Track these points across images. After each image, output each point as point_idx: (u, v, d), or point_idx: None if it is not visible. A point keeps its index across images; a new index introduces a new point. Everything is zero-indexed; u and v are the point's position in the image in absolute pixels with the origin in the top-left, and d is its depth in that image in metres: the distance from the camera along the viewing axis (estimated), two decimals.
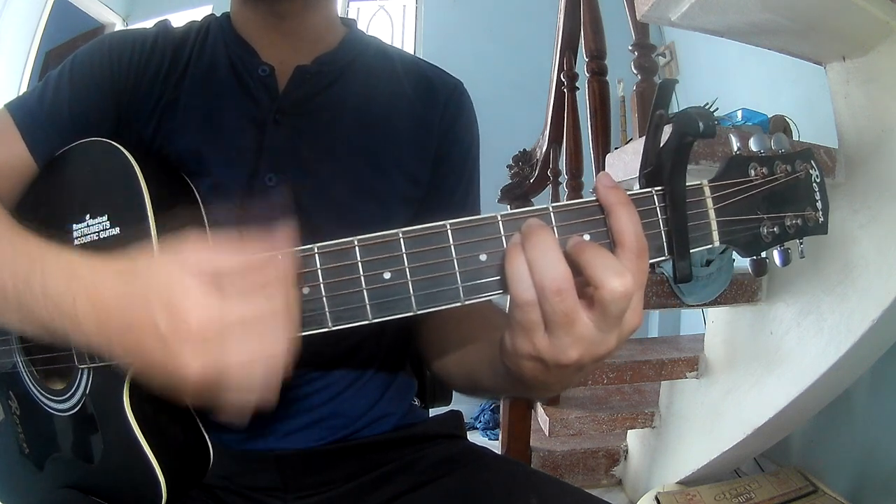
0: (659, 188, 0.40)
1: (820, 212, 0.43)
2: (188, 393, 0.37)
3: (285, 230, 0.38)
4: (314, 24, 0.67)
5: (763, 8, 0.98)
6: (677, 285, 1.34)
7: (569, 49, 1.86)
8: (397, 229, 0.39)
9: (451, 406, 0.76)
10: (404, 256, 0.39)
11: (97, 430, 0.54)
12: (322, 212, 0.62)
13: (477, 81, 0.91)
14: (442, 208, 0.69)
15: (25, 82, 2.94)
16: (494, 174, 1.71)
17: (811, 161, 0.43)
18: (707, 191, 0.41)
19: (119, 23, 3.43)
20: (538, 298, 0.36)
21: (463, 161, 0.72)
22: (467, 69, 0.95)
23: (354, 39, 0.71)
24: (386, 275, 0.39)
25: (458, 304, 0.39)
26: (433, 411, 0.79)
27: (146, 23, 0.69)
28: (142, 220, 0.51)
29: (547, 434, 1.63)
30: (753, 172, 0.41)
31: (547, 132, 2.02)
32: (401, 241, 0.39)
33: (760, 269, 0.43)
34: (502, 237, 0.39)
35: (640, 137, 1.33)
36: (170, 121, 0.62)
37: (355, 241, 0.39)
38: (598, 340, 0.37)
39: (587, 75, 1.62)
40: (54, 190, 0.60)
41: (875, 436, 1.45)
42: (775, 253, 0.43)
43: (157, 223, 0.51)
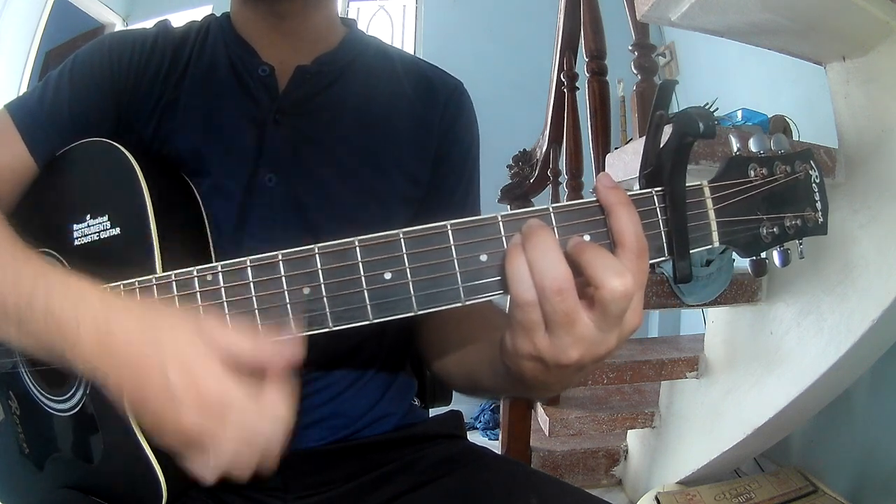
0: (659, 188, 0.40)
1: (819, 212, 0.43)
2: (170, 441, 0.39)
3: (296, 341, 0.40)
4: (314, 24, 0.67)
5: (763, 8, 0.98)
6: (677, 285, 1.34)
7: (569, 49, 1.86)
8: (398, 230, 0.39)
9: (451, 406, 0.76)
10: (405, 257, 0.39)
11: (97, 431, 0.54)
12: (322, 212, 0.62)
13: (477, 81, 0.91)
14: (442, 208, 0.69)
15: (25, 82, 2.94)
16: (494, 174, 1.70)
17: (811, 162, 0.43)
18: (707, 191, 0.41)
19: (119, 23, 3.43)
20: (539, 298, 0.36)
21: (463, 161, 0.72)
22: (467, 69, 0.95)
23: (354, 39, 0.71)
24: (387, 275, 0.39)
25: (459, 305, 0.39)
26: (433, 411, 0.79)
27: (146, 23, 0.69)
28: (142, 221, 0.51)
29: (547, 434, 1.63)
30: (753, 173, 0.41)
31: (547, 132, 2.02)
32: (401, 242, 0.39)
33: (760, 270, 0.43)
34: (503, 238, 0.39)
35: (640, 137, 1.33)
36: (170, 121, 0.62)
37: (356, 242, 0.39)
38: (599, 340, 0.37)
39: (587, 75, 1.62)
40: (55, 190, 0.60)
41: (875, 436, 1.45)
42: (775, 253, 0.43)
43: (158, 223, 0.51)
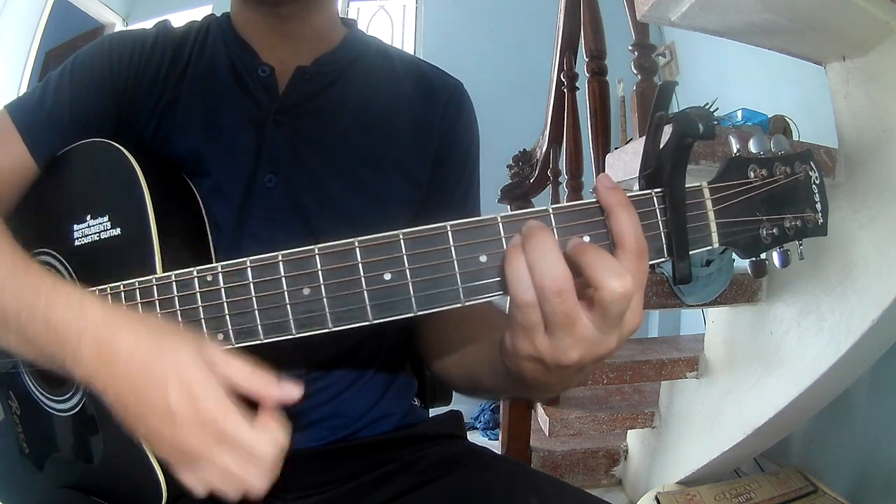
0: (658, 189, 0.40)
1: (819, 213, 0.43)
2: (164, 454, 0.40)
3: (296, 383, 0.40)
4: (315, 25, 0.67)
5: (763, 8, 0.98)
6: (677, 286, 1.34)
7: (569, 49, 1.86)
8: (398, 230, 0.39)
9: (451, 406, 0.76)
10: (405, 257, 0.39)
11: (97, 431, 0.54)
12: (322, 212, 0.62)
13: (477, 81, 0.91)
14: (442, 209, 0.69)
15: (25, 82, 2.94)
16: (494, 174, 1.70)
17: (810, 162, 0.43)
18: (706, 192, 0.41)
19: (119, 23, 3.43)
20: (538, 299, 0.36)
21: (463, 161, 0.72)
22: (467, 69, 0.95)
23: (355, 40, 0.71)
24: (386, 276, 0.39)
25: (459, 305, 0.39)
26: (433, 411, 0.79)
27: (146, 23, 0.69)
28: (142, 221, 0.51)
29: (547, 434, 1.63)
30: (753, 174, 0.41)
31: (547, 132, 2.02)
32: (401, 243, 0.39)
33: (760, 271, 0.43)
34: (502, 238, 0.39)
35: (640, 137, 1.33)
36: (170, 121, 0.62)
37: (356, 242, 0.39)
38: (599, 341, 0.37)
39: (587, 75, 1.62)
40: (55, 191, 0.60)
41: (875, 436, 1.45)
42: (775, 254, 0.43)
43: (158, 223, 0.51)
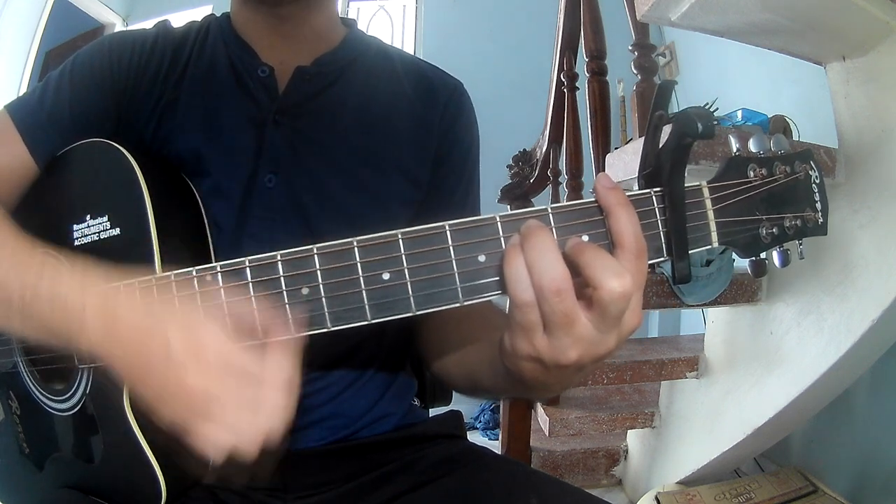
0: (658, 189, 0.40)
1: (819, 213, 0.43)
2: (175, 413, 0.39)
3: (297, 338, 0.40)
4: (314, 25, 0.67)
5: (763, 8, 0.98)
6: (677, 285, 1.34)
7: (569, 49, 1.86)
8: (396, 230, 0.39)
9: (451, 406, 0.76)
10: (403, 257, 0.39)
11: (97, 430, 0.54)
12: (321, 213, 0.62)
13: (477, 81, 0.91)
14: (442, 209, 0.69)
15: (25, 82, 2.94)
16: (494, 174, 1.70)
17: (810, 162, 0.43)
18: (706, 192, 0.41)
19: (119, 23, 3.44)
20: (537, 299, 0.36)
21: (463, 162, 0.72)
22: (467, 69, 0.95)
23: (354, 40, 0.71)
24: (385, 275, 0.39)
25: (457, 305, 0.39)
26: (433, 411, 0.79)
27: (146, 23, 0.69)
28: (142, 221, 0.51)
29: (547, 434, 1.63)
30: (752, 173, 0.41)
31: (547, 132, 2.02)
32: (400, 242, 0.39)
33: (760, 270, 0.43)
34: (501, 238, 0.39)
35: (640, 137, 1.33)
36: (169, 121, 0.62)
37: (354, 242, 0.39)
38: (598, 341, 0.37)
39: (587, 75, 1.62)
40: (55, 190, 0.60)
41: (875, 436, 1.45)
42: (774, 254, 0.43)
43: (158, 224, 0.51)
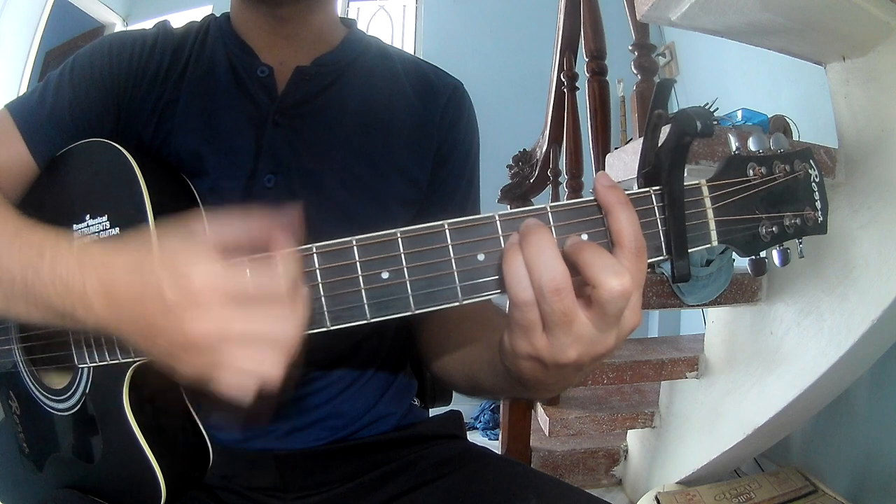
0: (657, 188, 0.40)
1: (819, 211, 0.43)
2: (190, 364, 0.37)
3: (291, 215, 0.39)
4: (314, 26, 0.67)
5: (763, 8, 0.98)
6: (677, 285, 1.34)
7: (569, 49, 1.86)
8: (395, 229, 0.39)
9: (451, 406, 0.76)
10: (402, 256, 0.39)
11: (97, 430, 0.54)
12: (321, 213, 0.62)
13: (477, 81, 0.91)
14: (442, 209, 0.69)
15: (25, 82, 2.94)
16: (494, 174, 1.71)
17: (810, 161, 0.43)
18: (705, 190, 0.41)
19: (119, 23, 3.43)
20: (536, 298, 0.36)
21: (463, 162, 0.72)
22: (467, 69, 0.95)
23: (354, 40, 0.71)
24: (384, 274, 0.39)
25: (457, 304, 0.39)
26: (433, 411, 0.79)
27: (146, 23, 0.69)
28: (141, 221, 0.51)
29: (547, 434, 1.63)
30: (752, 172, 0.41)
31: (547, 132, 2.02)
32: (399, 241, 0.39)
33: (759, 269, 0.43)
34: (500, 237, 0.39)
35: (640, 137, 1.32)
36: (169, 121, 0.62)
37: (353, 241, 0.39)
38: (597, 340, 0.37)
39: (587, 75, 1.62)
40: (55, 190, 0.60)
41: (875, 436, 1.45)
42: (774, 253, 0.43)
43: (157, 224, 0.51)
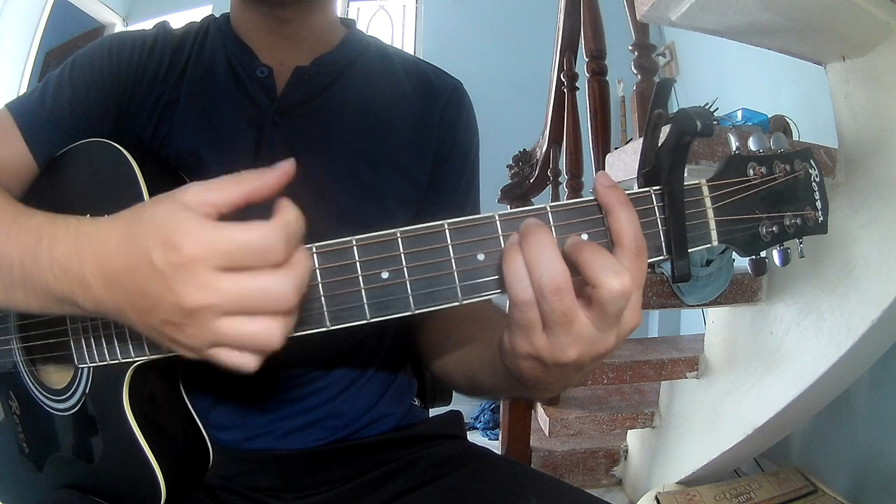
0: (657, 188, 0.40)
1: (819, 211, 0.43)
2: (188, 336, 0.36)
3: (282, 168, 0.38)
4: (314, 27, 0.67)
5: (763, 8, 0.98)
6: (677, 285, 1.34)
7: (569, 49, 1.86)
8: (395, 229, 0.39)
9: (451, 406, 0.76)
10: (402, 256, 0.39)
11: (97, 430, 0.54)
12: (321, 213, 0.62)
13: (477, 81, 0.91)
14: (442, 209, 0.69)
15: (25, 82, 2.94)
16: (494, 174, 1.71)
17: (810, 160, 0.43)
18: (705, 190, 0.41)
19: (119, 23, 3.43)
20: (536, 298, 0.36)
21: (463, 162, 0.72)
22: (467, 69, 0.95)
23: (354, 40, 0.71)
24: (384, 274, 0.39)
25: (456, 304, 0.39)
26: (433, 411, 0.79)
27: (146, 23, 0.69)
28: None
29: (547, 434, 1.63)
30: (752, 172, 0.41)
31: (547, 132, 2.02)
32: (399, 241, 0.39)
33: (759, 269, 0.43)
34: (500, 237, 0.39)
35: (640, 137, 1.32)
36: (169, 121, 0.62)
37: (353, 241, 0.39)
38: (597, 339, 0.37)
39: (587, 75, 1.62)
40: (54, 190, 0.60)
41: (875, 436, 1.45)
42: (774, 252, 0.43)
43: None
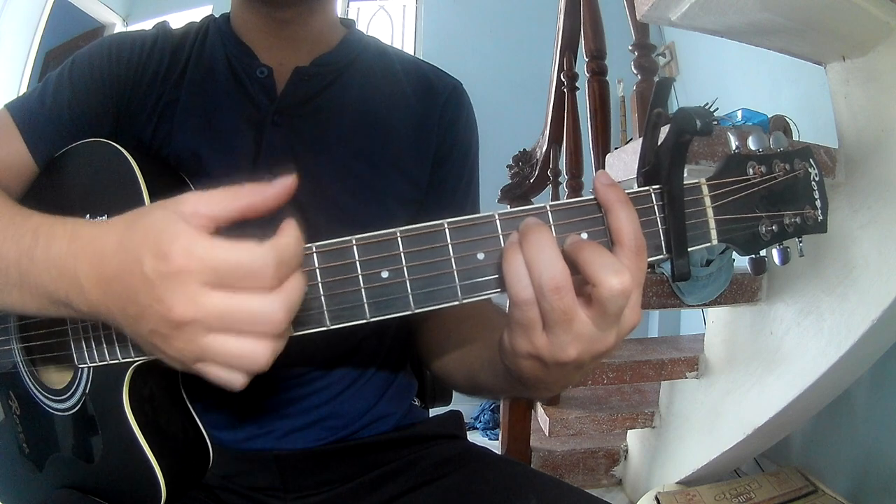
0: (657, 186, 0.40)
1: (819, 210, 0.43)
2: (175, 349, 0.35)
3: (282, 183, 0.38)
4: (314, 27, 0.67)
5: (762, 8, 0.98)
6: (677, 285, 1.34)
7: (569, 49, 1.86)
8: (395, 228, 0.39)
9: (451, 406, 0.76)
10: (402, 255, 0.39)
11: (97, 430, 0.54)
12: (321, 213, 0.62)
13: (477, 81, 0.91)
14: (442, 209, 0.69)
15: (25, 82, 2.94)
16: (494, 174, 1.71)
17: (810, 160, 0.43)
18: (705, 189, 0.41)
19: (119, 23, 3.44)
20: (536, 297, 0.36)
21: (462, 162, 0.72)
22: (467, 69, 0.95)
23: (353, 40, 0.71)
24: (384, 274, 0.39)
25: (456, 303, 0.39)
26: (433, 411, 0.79)
27: (146, 23, 0.69)
28: None
29: (547, 434, 1.63)
30: (752, 171, 0.41)
31: (547, 132, 2.02)
32: (398, 240, 0.39)
33: (759, 268, 0.43)
34: (500, 236, 0.39)
35: (640, 137, 1.32)
36: (168, 121, 0.62)
37: (353, 241, 0.39)
38: (597, 338, 0.37)
39: (587, 75, 1.62)
40: (54, 190, 0.60)
41: (875, 436, 1.45)
42: (774, 251, 0.43)
43: None
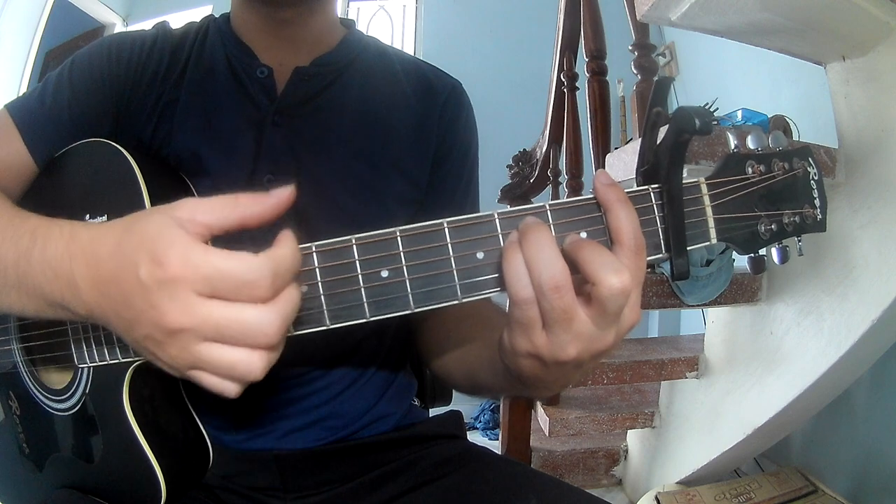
0: (656, 186, 0.40)
1: (818, 209, 0.43)
2: (168, 356, 0.36)
3: (280, 195, 0.39)
4: (314, 27, 0.67)
5: (762, 8, 0.98)
6: (677, 285, 1.34)
7: (569, 49, 1.86)
8: (395, 228, 0.39)
9: (451, 406, 0.76)
10: (402, 255, 0.39)
11: (97, 430, 0.54)
12: (320, 213, 0.62)
13: (477, 81, 0.91)
14: (441, 209, 0.69)
15: (25, 82, 2.94)
16: (494, 174, 1.71)
17: (809, 159, 0.43)
18: (704, 188, 0.41)
19: (119, 23, 3.44)
20: (536, 296, 0.36)
21: (462, 162, 0.72)
22: (467, 69, 0.95)
23: (353, 40, 0.71)
24: (383, 273, 0.39)
25: (456, 302, 0.39)
26: (433, 411, 0.79)
27: (146, 23, 0.69)
28: None
29: (547, 434, 1.63)
30: (751, 170, 0.41)
31: (547, 132, 2.02)
32: (398, 240, 0.39)
33: (759, 267, 0.43)
34: (499, 235, 0.39)
35: (640, 137, 1.32)
36: (168, 121, 0.62)
37: (353, 240, 0.39)
38: (597, 337, 0.37)
39: (587, 75, 1.62)
40: (54, 190, 0.60)
41: (875, 436, 1.45)
42: (774, 250, 0.43)
43: None
